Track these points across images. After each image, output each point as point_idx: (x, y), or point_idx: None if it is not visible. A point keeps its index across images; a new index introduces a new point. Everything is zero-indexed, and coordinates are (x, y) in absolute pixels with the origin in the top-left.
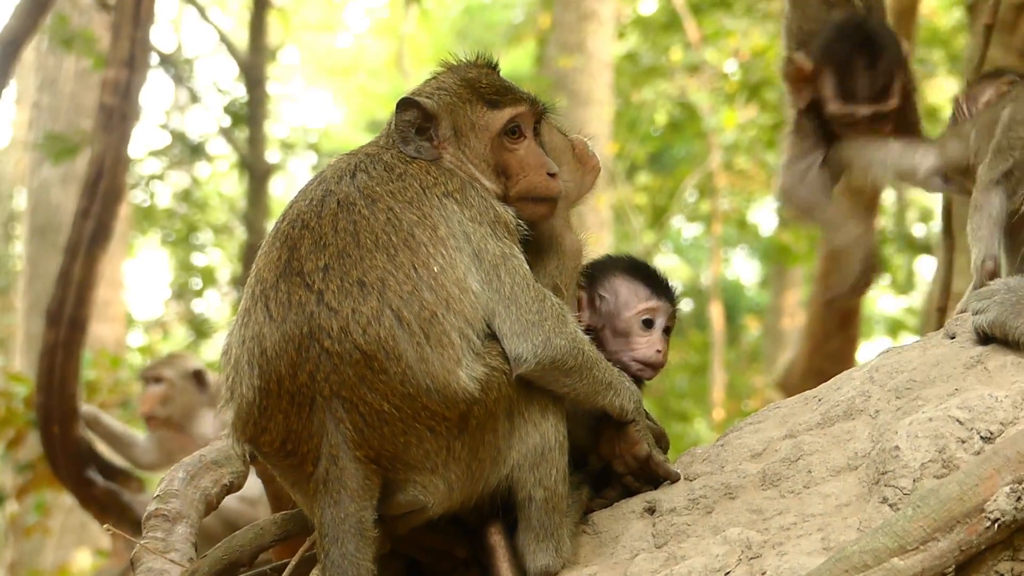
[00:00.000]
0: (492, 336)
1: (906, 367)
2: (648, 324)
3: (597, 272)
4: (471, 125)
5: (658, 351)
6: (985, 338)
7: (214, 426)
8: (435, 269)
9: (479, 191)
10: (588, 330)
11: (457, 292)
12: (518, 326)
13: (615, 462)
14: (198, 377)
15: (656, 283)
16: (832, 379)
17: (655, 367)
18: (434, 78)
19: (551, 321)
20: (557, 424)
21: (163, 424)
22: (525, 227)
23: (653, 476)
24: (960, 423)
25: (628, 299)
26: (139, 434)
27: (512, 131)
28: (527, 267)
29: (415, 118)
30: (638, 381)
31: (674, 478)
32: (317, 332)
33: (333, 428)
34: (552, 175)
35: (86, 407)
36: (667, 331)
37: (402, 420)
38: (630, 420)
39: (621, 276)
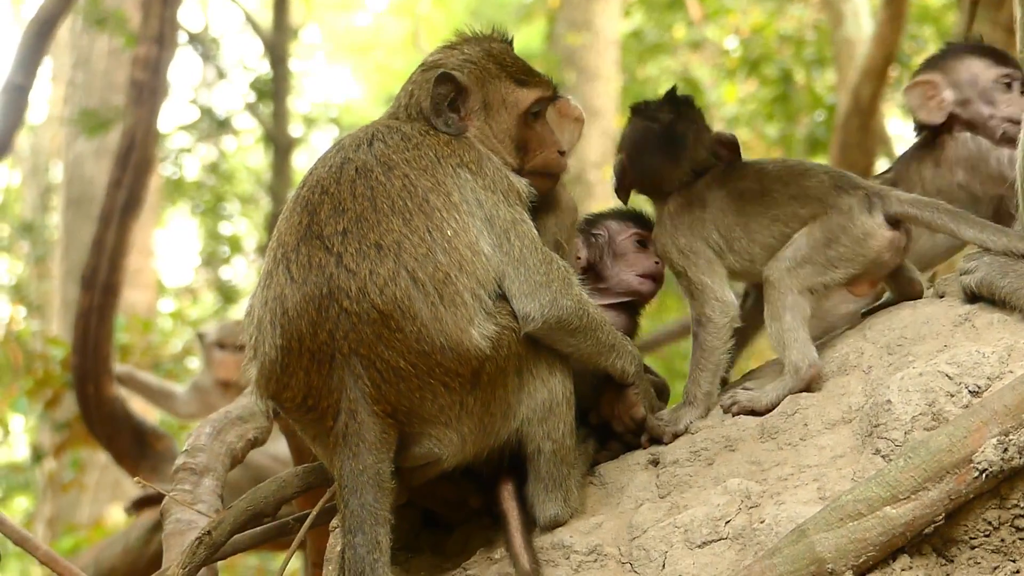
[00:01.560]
0: (503, 296)
1: (897, 325)
2: (643, 243)
3: (590, 219)
4: (502, 100)
5: (656, 262)
6: (973, 297)
7: None
8: (449, 232)
9: (494, 163)
10: (588, 268)
11: (470, 254)
12: (526, 287)
13: (613, 422)
14: None
15: (644, 221)
16: (826, 336)
17: (655, 278)
18: (453, 48)
19: (558, 283)
20: (564, 380)
21: (237, 390)
22: (535, 198)
23: (650, 436)
24: (949, 378)
25: (620, 227)
26: (177, 386)
27: (536, 111)
28: (536, 232)
29: (449, 91)
30: (643, 301)
31: (666, 440)
32: (336, 292)
33: (352, 384)
34: (562, 153)
35: (120, 367)
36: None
37: (417, 376)
38: (630, 383)
39: (611, 216)
